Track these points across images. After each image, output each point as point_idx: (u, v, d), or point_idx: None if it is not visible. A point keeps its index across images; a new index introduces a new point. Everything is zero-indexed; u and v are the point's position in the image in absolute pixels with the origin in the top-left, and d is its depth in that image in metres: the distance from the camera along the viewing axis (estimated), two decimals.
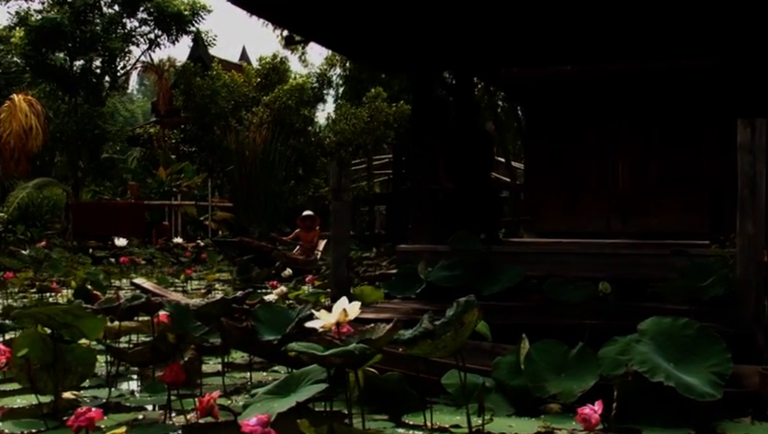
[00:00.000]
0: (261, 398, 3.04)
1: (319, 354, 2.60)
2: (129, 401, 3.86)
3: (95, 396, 3.97)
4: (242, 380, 4.39)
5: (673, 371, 3.40)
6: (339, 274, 4.97)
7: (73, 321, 3.53)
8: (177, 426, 3.43)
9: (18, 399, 3.92)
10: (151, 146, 21.32)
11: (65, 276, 8.47)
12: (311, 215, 12.54)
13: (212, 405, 2.96)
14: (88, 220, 16.26)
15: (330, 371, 2.95)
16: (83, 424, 2.98)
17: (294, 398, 2.90)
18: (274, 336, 3.98)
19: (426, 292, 5.89)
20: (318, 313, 2.95)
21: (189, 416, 3.51)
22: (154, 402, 3.86)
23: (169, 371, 3.42)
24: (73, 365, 3.71)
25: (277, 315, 4.15)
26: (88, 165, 18.74)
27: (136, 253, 12.43)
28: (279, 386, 3.06)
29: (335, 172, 4.87)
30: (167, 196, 18.12)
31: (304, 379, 3.04)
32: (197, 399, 2.96)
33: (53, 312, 3.47)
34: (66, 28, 17.78)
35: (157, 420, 3.51)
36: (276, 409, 2.89)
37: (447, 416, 3.53)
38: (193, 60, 22.43)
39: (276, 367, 4.68)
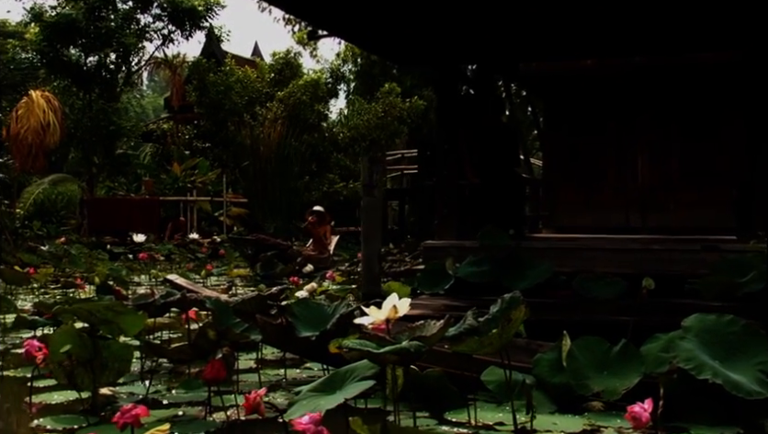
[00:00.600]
0: (307, 396, 3.01)
1: (375, 351, 2.56)
2: (165, 397, 3.84)
3: (131, 392, 3.96)
4: (277, 377, 4.37)
5: (720, 369, 3.35)
6: (371, 270, 4.94)
7: (114, 317, 3.51)
8: (218, 422, 3.41)
9: (55, 395, 3.91)
10: (164, 142, 21.32)
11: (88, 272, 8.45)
12: (320, 211, 12.41)
13: (259, 403, 2.92)
14: (103, 216, 16.28)
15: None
16: (128, 421, 2.97)
17: (341, 395, 2.87)
18: (311, 333, 3.96)
19: (454, 288, 5.84)
20: (368, 309, 2.91)
21: (229, 412, 3.49)
22: (191, 398, 3.83)
23: (210, 368, 3.39)
24: (110, 361, 3.69)
25: (313, 312, 4.13)
26: (103, 161, 18.75)
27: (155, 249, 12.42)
28: (325, 384, 3.03)
29: (367, 167, 4.84)
30: (182, 192, 18.11)
31: (350, 376, 3.00)
32: (244, 396, 2.93)
33: (95, 308, 3.45)
34: (81, 24, 17.78)
35: (197, 417, 3.49)
36: (323, 407, 2.86)
37: (490, 413, 3.50)
38: (206, 55, 22.40)
39: (309, 364, 4.66)
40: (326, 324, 4.01)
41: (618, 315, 4.87)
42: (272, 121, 17.85)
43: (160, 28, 20.37)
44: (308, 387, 3.06)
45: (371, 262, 4.95)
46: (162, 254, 12.25)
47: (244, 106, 19.32)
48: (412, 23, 6.70)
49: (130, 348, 3.78)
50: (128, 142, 21.14)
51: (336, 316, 4.00)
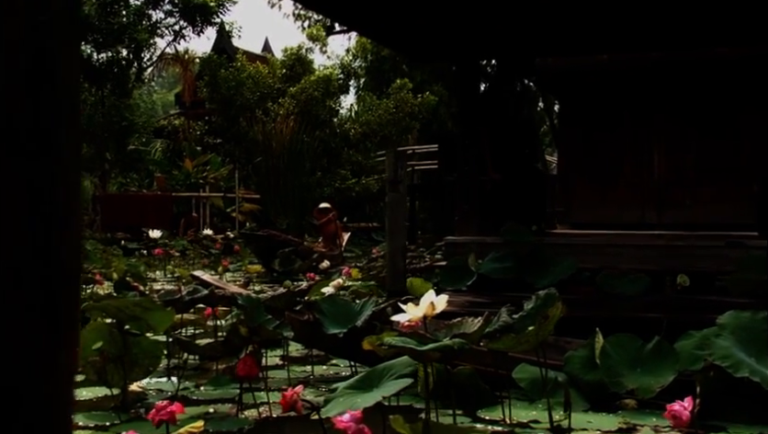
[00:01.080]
0: (343, 393, 2.99)
1: (418, 349, 2.53)
2: (194, 394, 3.82)
3: (159, 389, 3.94)
4: (304, 373, 4.34)
5: (757, 367, 3.31)
6: (396, 266, 4.91)
7: (142, 313, 3.49)
8: (251, 420, 3.39)
9: (84, 391, 3.90)
10: (175, 138, 21.34)
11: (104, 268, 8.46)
12: (327, 207, 12.13)
13: (296, 400, 2.90)
14: (116, 212, 16.31)
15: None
16: (164, 418, 2.95)
17: (379, 393, 2.84)
18: (339, 330, 3.94)
19: (477, 284, 5.81)
20: (405, 306, 2.89)
21: (261, 409, 3.47)
22: (220, 395, 3.81)
23: (243, 365, 3.37)
24: (140, 358, 3.68)
25: (340, 308, 4.11)
26: (115, 157, 18.78)
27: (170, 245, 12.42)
28: (361, 381, 3.00)
29: (392, 163, 4.81)
30: (193, 188, 18.12)
31: (386, 374, 2.97)
32: (281, 393, 2.91)
33: (124, 304, 3.43)
34: (93, 20, 17.79)
35: (228, 414, 3.47)
36: (361, 404, 2.84)
37: (523, 411, 3.46)
38: (217, 51, 22.41)
39: (335, 360, 4.63)
40: (354, 320, 4.00)
41: (645, 312, 4.83)
42: (284, 117, 17.82)
43: (171, 24, 20.39)
44: (344, 384, 3.04)
45: (396, 258, 4.93)
46: (176, 250, 12.25)
47: (256, 102, 19.30)
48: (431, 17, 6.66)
49: (160, 344, 3.76)
50: (139, 139, 21.17)
51: (365, 313, 3.99)
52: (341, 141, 19.48)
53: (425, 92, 20.99)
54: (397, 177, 4.81)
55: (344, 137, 19.46)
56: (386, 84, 24.31)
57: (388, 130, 20.03)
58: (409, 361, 2.95)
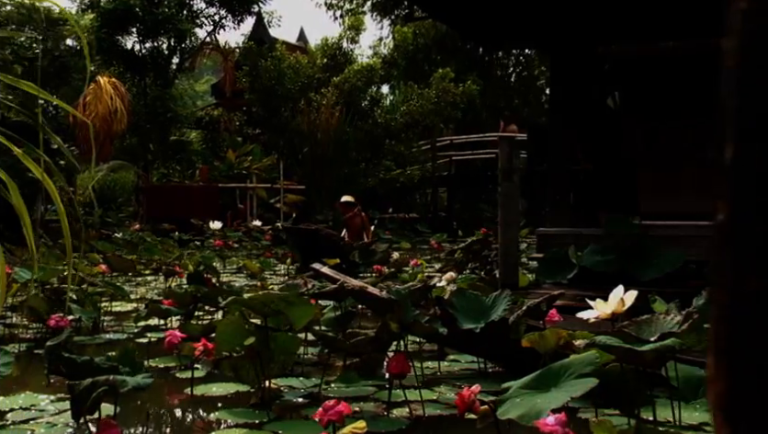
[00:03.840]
0: (518, 393, 2.84)
1: (638, 349, 2.38)
2: (329, 392, 3.69)
3: (290, 386, 3.83)
4: (429, 370, 4.21)
5: None
6: (509, 258, 4.76)
7: (285, 308, 3.37)
8: (403, 419, 3.26)
9: (214, 387, 3.79)
10: (215, 129, 21.27)
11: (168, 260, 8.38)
12: (350, 201, 11.56)
13: (474, 400, 2.77)
14: (161, 203, 16.26)
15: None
16: (332, 418, 2.84)
17: (564, 394, 2.70)
18: (473, 325, 3.80)
19: (578, 277, 5.66)
20: (594, 302, 2.74)
21: (412, 406, 3.34)
22: (355, 393, 3.68)
23: (396, 362, 3.25)
24: (276, 354, 3.56)
25: (471, 303, 3.97)
26: (158, 148, 18.74)
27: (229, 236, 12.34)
28: (537, 381, 2.86)
29: (505, 151, 4.64)
30: (236, 178, 18.06)
31: (564, 373, 2.83)
32: (457, 393, 2.77)
33: (269, 299, 3.31)
34: (137, 11, 17.74)
35: (377, 413, 3.34)
36: (543, 406, 2.70)
37: (685, 412, 3.30)
38: (254, 41, 22.29)
39: (453, 356, 4.50)
40: (487, 315, 3.86)
41: None
42: (327, 107, 17.68)
43: (211, 14, 20.29)
44: (517, 384, 2.90)
45: (509, 250, 4.78)
46: (233, 241, 12.16)
47: (297, 92, 19.17)
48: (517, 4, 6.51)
49: (297, 340, 3.64)
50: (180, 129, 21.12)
51: (499, 308, 3.85)
52: (382, 131, 19.30)
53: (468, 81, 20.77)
54: (511, 165, 4.64)
55: (385, 127, 19.27)
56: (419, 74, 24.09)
57: (430, 119, 19.84)
58: (590, 360, 2.80)
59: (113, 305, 6.45)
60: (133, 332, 5.53)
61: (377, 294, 4.02)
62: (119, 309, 6.58)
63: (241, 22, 20.72)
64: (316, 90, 19.05)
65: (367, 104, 19.37)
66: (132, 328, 5.69)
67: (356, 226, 11.17)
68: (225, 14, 20.32)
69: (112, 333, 5.50)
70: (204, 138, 22.87)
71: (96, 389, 2.65)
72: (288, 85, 19.23)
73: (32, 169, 2.76)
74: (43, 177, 2.73)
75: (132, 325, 5.85)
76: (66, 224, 2.74)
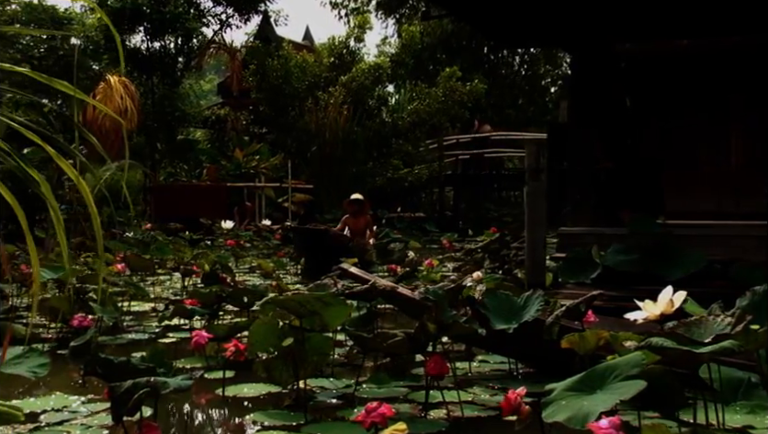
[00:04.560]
0: (562, 395, 2.80)
1: (696, 351, 2.34)
2: (362, 393, 3.66)
3: (322, 387, 3.79)
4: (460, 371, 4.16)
5: None
6: (536, 257, 4.73)
7: (321, 309, 3.34)
8: (441, 420, 3.23)
9: (245, 388, 3.76)
10: (222, 127, 21.23)
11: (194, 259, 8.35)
12: (360, 199, 11.10)
13: (520, 403, 2.73)
14: (169, 202, 16.21)
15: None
16: (376, 420, 2.81)
17: (611, 397, 2.66)
18: (506, 325, 3.76)
19: (601, 277, 5.62)
20: (642, 303, 2.70)
21: (450, 408, 3.31)
22: (388, 394, 3.65)
23: (433, 363, 3.21)
24: (309, 354, 3.53)
25: (503, 303, 3.93)
26: (165, 147, 18.69)
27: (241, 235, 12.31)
28: (581, 383, 2.82)
29: (533, 151, 4.61)
30: (244, 178, 18.01)
31: (609, 375, 2.79)
32: (504, 395, 2.73)
33: (305, 299, 3.28)
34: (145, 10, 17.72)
35: (415, 415, 3.31)
36: (590, 409, 2.65)
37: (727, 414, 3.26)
38: (261, 39, 22.26)
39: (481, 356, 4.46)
40: (519, 316, 3.83)
41: None
42: (335, 106, 17.64)
43: (218, 13, 20.26)
44: (561, 386, 2.86)
45: (536, 250, 4.75)
46: (245, 240, 12.13)
47: (305, 91, 19.12)
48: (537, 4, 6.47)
49: (330, 340, 3.61)
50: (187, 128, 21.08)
51: (531, 308, 3.81)
52: (390, 130, 19.26)
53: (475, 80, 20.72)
54: (539, 165, 4.61)
55: (393, 126, 19.23)
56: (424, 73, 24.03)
57: (437, 118, 19.79)
58: (636, 362, 2.77)
59: (131, 305, 6.41)
60: (155, 332, 5.49)
61: (408, 295, 3.99)
62: (137, 308, 6.55)
63: (247, 21, 20.70)
64: (323, 89, 19.01)
65: (375, 103, 19.33)
66: (153, 328, 5.66)
67: (360, 226, 10.78)
68: (232, 12, 20.29)
69: (134, 333, 5.46)
70: (210, 137, 22.81)
71: (138, 390, 2.62)
72: (295, 84, 19.19)
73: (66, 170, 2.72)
74: (78, 180, 2.68)
75: (153, 324, 5.83)
76: (99, 225, 2.70)
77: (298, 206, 17.76)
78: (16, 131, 2.63)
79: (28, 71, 3.34)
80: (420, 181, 19.38)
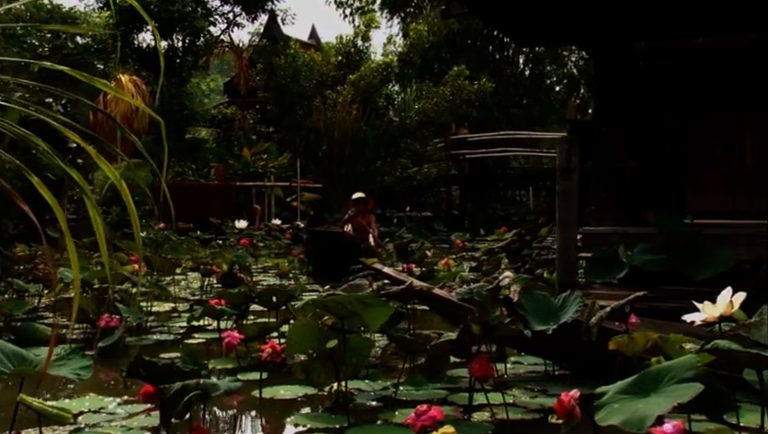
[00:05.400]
0: (615, 398, 2.76)
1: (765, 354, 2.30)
2: (402, 395, 3.61)
3: (358, 389, 3.75)
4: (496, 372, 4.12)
5: None
6: (567, 257, 4.69)
7: (362, 310, 3.30)
8: (486, 423, 3.19)
9: (281, 390, 3.72)
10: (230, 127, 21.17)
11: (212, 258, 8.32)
12: (363, 198, 10.85)
13: (574, 406, 2.69)
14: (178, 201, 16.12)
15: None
16: (426, 423, 2.77)
17: (669, 400, 2.62)
18: (545, 326, 3.72)
19: (629, 277, 5.57)
20: (702, 305, 2.66)
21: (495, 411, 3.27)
22: (427, 396, 3.60)
23: (478, 366, 3.17)
24: (348, 356, 3.48)
25: (540, 304, 3.89)
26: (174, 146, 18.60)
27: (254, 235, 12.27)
28: (634, 385, 2.78)
29: (564, 150, 4.57)
30: (252, 177, 17.96)
31: (664, 377, 2.75)
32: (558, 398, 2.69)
33: (347, 300, 3.24)
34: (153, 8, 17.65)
35: (458, 418, 3.27)
36: (646, 411, 2.62)
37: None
38: (267, 38, 22.21)
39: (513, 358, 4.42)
40: (557, 317, 3.78)
41: None
42: (343, 105, 17.59)
43: (226, 12, 20.18)
44: (613, 389, 2.82)
45: (568, 249, 4.71)
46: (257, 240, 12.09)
47: (312, 90, 19.07)
48: None
49: (369, 341, 3.57)
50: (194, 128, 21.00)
51: (570, 309, 3.77)
52: (398, 129, 19.21)
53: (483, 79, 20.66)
54: (570, 164, 4.57)
55: (400, 125, 19.18)
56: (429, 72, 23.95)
57: (445, 117, 19.73)
58: (690, 364, 2.73)
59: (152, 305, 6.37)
60: (180, 333, 5.46)
61: (446, 296, 3.95)
62: (157, 309, 6.51)
63: (255, 20, 20.61)
64: (331, 88, 18.96)
65: (383, 102, 19.28)
66: (177, 329, 5.62)
67: (361, 226, 10.50)
68: (239, 11, 20.21)
69: (158, 333, 5.43)
70: (217, 136, 22.73)
71: (188, 393, 2.58)
72: (303, 83, 19.13)
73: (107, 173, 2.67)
74: (120, 184, 2.63)
75: (176, 325, 5.79)
76: (137, 225, 2.66)
77: (306, 205, 17.74)
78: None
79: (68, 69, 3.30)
80: (428, 180, 19.33)
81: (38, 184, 2.54)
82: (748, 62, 9.37)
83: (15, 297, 5.96)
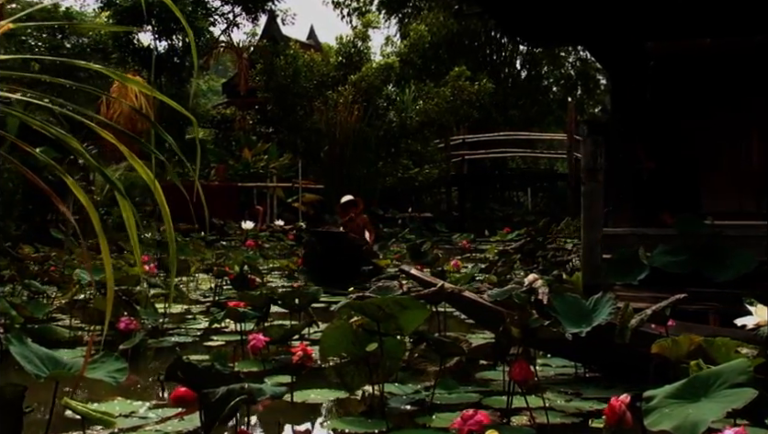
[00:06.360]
0: (665, 403, 2.71)
1: None
2: (437, 399, 3.56)
3: (390, 392, 3.69)
4: None
5: None
6: (593, 259, 4.65)
7: (399, 312, 3.25)
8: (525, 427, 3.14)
9: (311, 394, 3.66)
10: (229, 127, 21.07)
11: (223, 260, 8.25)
12: (352, 200, 10.42)
13: (625, 411, 2.65)
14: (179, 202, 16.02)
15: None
16: (473, 428, 2.73)
17: (722, 405, 2.58)
18: (578, 329, 3.68)
19: (650, 279, 5.54)
20: (754, 308, 2.62)
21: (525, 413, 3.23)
22: (459, 399, 3.56)
23: (519, 369, 3.13)
24: (381, 359, 3.44)
25: (571, 307, 3.85)
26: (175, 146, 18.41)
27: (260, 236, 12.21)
28: (683, 390, 2.73)
29: (590, 150, 4.53)
30: (253, 177, 17.87)
31: (714, 382, 2.71)
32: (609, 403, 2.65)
33: (384, 302, 3.19)
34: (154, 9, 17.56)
35: (496, 421, 3.21)
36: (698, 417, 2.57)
37: None
38: (267, 39, 22.14)
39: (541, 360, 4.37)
40: (589, 319, 3.75)
41: None
42: (344, 106, 17.53)
43: (226, 12, 20.11)
44: (661, 393, 2.77)
45: (593, 251, 4.67)
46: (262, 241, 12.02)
47: (313, 90, 19.00)
48: None
49: (404, 344, 3.52)
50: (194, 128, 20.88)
51: (603, 311, 3.74)
52: (398, 129, 19.16)
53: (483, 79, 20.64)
54: (596, 165, 4.53)
55: (401, 126, 19.13)
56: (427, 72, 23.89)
57: (445, 118, 19.69)
58: (741, 368, 2.69)
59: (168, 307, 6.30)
60: (197, 335, 5.40)
61: (477, 299, 3.91)
62: (170, 310, 6.44)
63: (255, 20, 20.56)
64: (332, 88, 18.90)
65: (384, 102, 19.23)
66: (194, 331, 5.57)
67: (357, 228, 10.10)
68: (240, 11, 20.14)
69: (176, 336, 5.37)
70: (215, 137, 22.62)
71: (233, 398, 2.52)
72: (303, 84, 19.06)
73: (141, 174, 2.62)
74: (155, 186, 2.57)
75: (193, 327, 5.74)
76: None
77: (307, 206, 17.67)
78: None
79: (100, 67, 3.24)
80: (429, 181, 19.29)
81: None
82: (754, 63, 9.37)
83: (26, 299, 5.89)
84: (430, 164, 19.27)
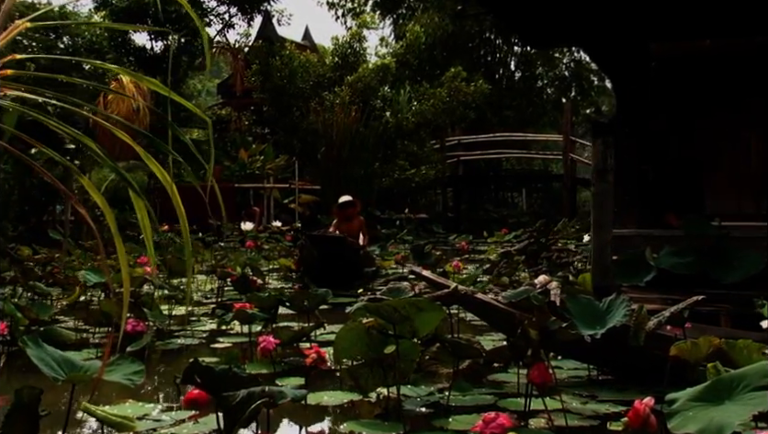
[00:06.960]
0: (688, 406, 2.70)
1: None
2: (452, 401, 3.54)
3: (404, 395, 3.66)
4: None
5: None
6: (603, 261, 4.63)
7: (415, 314, 3.22)
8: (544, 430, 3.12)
9: (325, 396, 3.63)
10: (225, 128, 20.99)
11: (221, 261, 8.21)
12: (351, 201, 10.11)
13: (649, 414, 2.63)
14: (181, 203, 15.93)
15: None
16: (495, 431, 2.72)
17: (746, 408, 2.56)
18: (591, 331, 3.66)
19: (657, 280, 5.53)
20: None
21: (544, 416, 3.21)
22: (475, 402, 3.54)
23: (537, 372, 3.11)
24: (396, 361, 3.41)
25: (585, 308, 3.83)
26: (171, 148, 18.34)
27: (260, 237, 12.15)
28: (706, 393, 2.71)
29: (600, 151, 4.51)
30: (249, 178, 17.82)
31: (738, 385, 2.70)
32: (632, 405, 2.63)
33: (400, 304, 3.17)
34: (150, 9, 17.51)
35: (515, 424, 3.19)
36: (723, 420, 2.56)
37: None
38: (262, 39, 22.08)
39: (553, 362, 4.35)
40: (603, 321, 3.73)
41: None
42: (341, 106, 17.49)
43: (222, 13, 20.06)
44: (684, 396, 2.76)
45: (603, 252, 4.65)
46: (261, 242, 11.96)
47: (309, 91, 18.94)
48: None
49: (418, 347, 3.50)
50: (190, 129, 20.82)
51: (617, 313, 3.72)
52: (394, 130, 19.13)
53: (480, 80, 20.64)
54: (606, 166, 4.52)
55: (397, 126, 19.10)
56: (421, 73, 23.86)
57: (442, 119, 19.68)
58: (766, 371, 2.68)
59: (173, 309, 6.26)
60: (203, 337, 5.36)
61: (491, 301, 3.89)
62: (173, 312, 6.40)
63: (251, 21, 20.50)
64: (328, 89, 18.85)
65: (380, 103, 19.20)
66: (200, 332, 5.53)
67: (353, 230, 9.83)
68: (235, 12, 20.09)
69: (182, 337, 5.32)
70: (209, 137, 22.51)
71: (254, 401, 2.49)
72: (299, 84, 19.00)
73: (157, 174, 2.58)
74: (171, 189, 2.54)
75: (198, 329, 5.69)
76: (188, 233, 2.56)
77: (304, 207, 17.62)
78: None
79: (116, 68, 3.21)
80: (426, 182, 19.28)
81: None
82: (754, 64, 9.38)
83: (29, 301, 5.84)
84: (426, 165, 19.25)
